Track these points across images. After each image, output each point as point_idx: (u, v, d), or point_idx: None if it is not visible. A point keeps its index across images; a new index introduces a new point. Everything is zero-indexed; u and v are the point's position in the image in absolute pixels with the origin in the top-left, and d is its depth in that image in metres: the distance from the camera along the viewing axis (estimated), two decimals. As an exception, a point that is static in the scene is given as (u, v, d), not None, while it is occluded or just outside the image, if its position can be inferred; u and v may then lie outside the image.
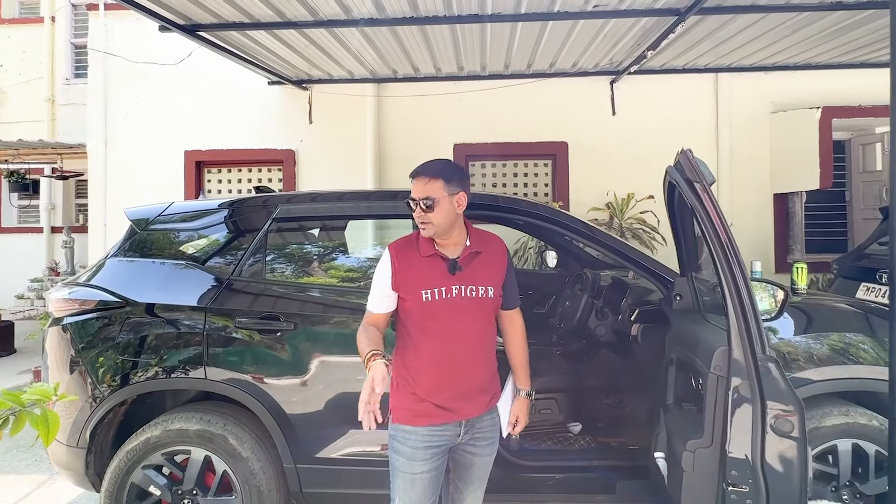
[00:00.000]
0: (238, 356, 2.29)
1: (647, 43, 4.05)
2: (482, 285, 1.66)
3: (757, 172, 5.28)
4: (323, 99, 5.58)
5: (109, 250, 2.63)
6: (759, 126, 5.28)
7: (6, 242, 9.06)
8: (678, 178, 1.47)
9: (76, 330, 2.38)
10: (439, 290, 1.62)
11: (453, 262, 1.66)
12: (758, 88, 5.26)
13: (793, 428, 1.22)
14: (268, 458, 2.28)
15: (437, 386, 1.64)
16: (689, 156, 1.39)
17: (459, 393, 1.65)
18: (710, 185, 1.37)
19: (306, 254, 2.70)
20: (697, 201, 1.35)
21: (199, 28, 3.59)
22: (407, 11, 3.36)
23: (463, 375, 1.66)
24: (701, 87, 5.32)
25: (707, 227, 1.34)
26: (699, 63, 4.90)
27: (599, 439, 2.66)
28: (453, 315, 1.63)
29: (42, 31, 8.78)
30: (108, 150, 5.89)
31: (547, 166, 5.67)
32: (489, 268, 1.71)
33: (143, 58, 5.69)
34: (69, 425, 2.32)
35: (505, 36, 3.96)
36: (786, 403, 1.24)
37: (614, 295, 2.86)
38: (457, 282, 1.64)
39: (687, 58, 4.70)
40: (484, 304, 1.67)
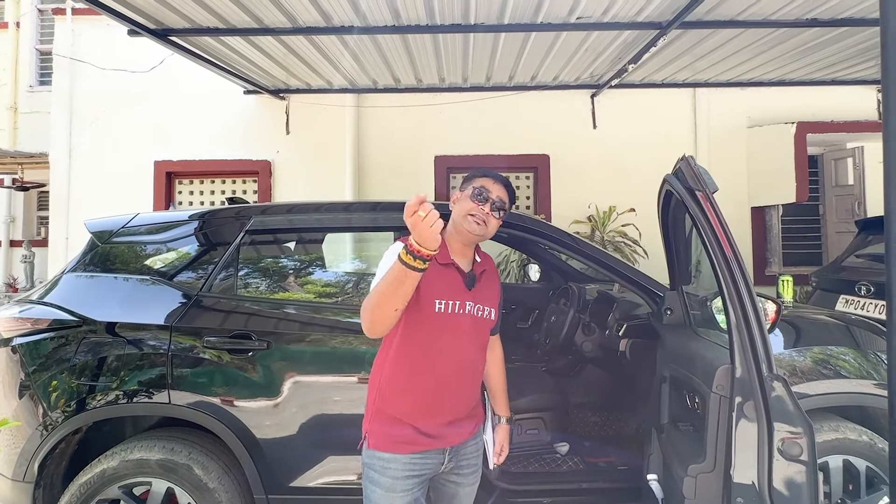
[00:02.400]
0: (205, 378, 2.13)
1: (628, 56, 4.08)
2: (488, 306, 1.58)
3: (735, 186, 5.36)
4: (300, 109, 5.46)
5: (67, 265, 2.45)
6: (736, 140, 5.37)
7: (-39, 256, 8.58)
8: (678, 186, 1.41)
9: (27, 351, 2.19)
10: (454, 303, 1.49)
11: (471, 276, 1.56)
12: (734, 103, 5.37)
13: (802, 451, 1.14)
14: (236, 488, 2.12)
15: (424, 409, 1.49)
16: (691, 163, 1.32)
17: (448, 420, 1.52)
18: (712, 193, 1.30)
19: (281, 268, 2.57)
20: (699, 210, 1.28)
21: (171, 33, 3.45)
22: (389, 20, 3.30)
23: (454, 400, 1.54)
24: (679, 101, 5.41)
25: (710, 237, 1.27)
26: (678, 78, 4.98)
27: (588, 460, 2.57)
28: (458, 333, 1.51)
29: (6, 37, 8.44)
30: (72, 160, 5.64)
31: (529, 179, 5.65)
32: (492, 288, 1.64)
33: (112, 65, 5.49)
34: (15, 456, 2.12)
35: (487, 47, 3.93)
36: (794, 425, 1.17)
37: (601, 309, 2.79)
38: (471, 298, 1.53)
39: (666, 72, 4.77)
40: (486, 326, 1.59)
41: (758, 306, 1.22)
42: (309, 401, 2.13)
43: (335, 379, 2.13)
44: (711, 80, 5.05)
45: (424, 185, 5.33)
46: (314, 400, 2.14)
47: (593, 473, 2.45)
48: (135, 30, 3.34)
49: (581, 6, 3.26)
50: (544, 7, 3.25)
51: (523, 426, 2.67)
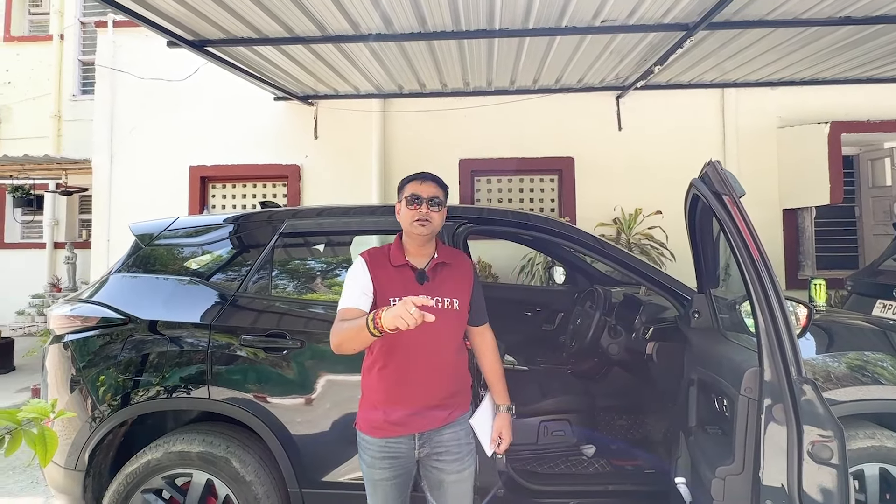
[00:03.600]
0: (242, 375, 2.22)
1: (654, 58, 4.05)
2: (448, 297, 1.67)
3: (765, 188, 5.24)
4: (328, 114, 5.59)
5: (113, 266, 2.58)
6: (766, 141, 5.26)
7: (8, 258, 9.04)
8: (705, 190, 1.42)
9: (77, 347, 2.31)
10: None
11: (421, 272, 1.68)
12: (765, 104, 5.26)
13: (832, 454, 1.14)
14: (272, 482, 2.19)
15: (392, 399, 1.64)
16: (718, 167, 1.33)
17: (413, 409, 1.64)
18: (739, 197, 1.31)
19: (313, 269, 2.65)
20: (726, 214, 1.29)
21: (207, 43, 3.60)
22: (415, 26, 3.37)
23: (419, 390, 1.65)
24: (707, 102, 5.32)
25: (737, 241, 1.28)
26: (705, 78, 4.90)
27: (615, 462, 2.57)
28: (420, 327, 1.56)
29: (50, 49, 8.89)
30: (113, 166, 5.89)
31: (553, 181, 5.64)
32: (456, 281, 1.73)
33: (150, 74, 5.73)
34: (67, 447, 2.24)
35: (512, 51, 3.96)
36: (824, 428, 1.16)
37: (627, 312, 2.79)
38: (424, 292, 1.62)
39: (693, 73, 4.71)
40: (449, 317, 1.66)
41: (786, 310, 1.23)
42: (340, 398, 2.19)
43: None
44: (740, 81, 4.96)
45: (449, 188, 5.38)
46: (345, 398, 2.20)
47: (620, 476, 2.45)
48: (174, 41, 3.49)
49: (606, 9, 3.26)
50: (569, 11, 3.27)
51: (549, 428, 2.69)
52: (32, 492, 3.31)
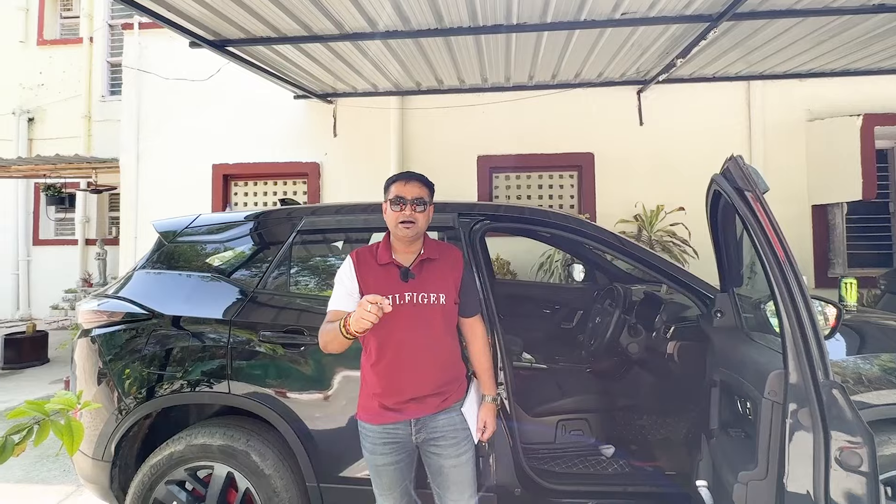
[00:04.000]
0: (261, 370, 2.25)
1: (676, 51, 3.95)
2: (434, 292, 1.73)
3: (793, 183, 5.08)
4: (347, 112, 5.63)
5: (138, 262, 2.64)
6: (794, 135, 5.09)
7: (43, 254, 9.38)
8: (727, 187, 1.37)
9: (104, 341, 2.38)
10: (393, 296, 1.68)
11: (405, 270, 1.74)
12: (793, 96, 5.09)
13: (862, 462, 1.09)
14: (291, 476, 2.22)
15: (386, 389, 1.73)
16: (740, 162, 1.29)
17: (408, 397, 1.72)
18: (763, 193, 1.27)
19: (330, 266, 2.67)
20: (749, 212, 1.24)
21: (228, 43, 3.65)
22: (432, 23, 3.35)
23: (411, 381, 1.71)
24: (732, 95, 5.17)
25: (760, 239, 1.23)
26: (730, 71, 4.76)
27: (634, 463, 2.53)
28: (405, 321, 1.69)
29: (81, 51, 9.16)
30: (139, 164, 6.04)
31: (573, 178, 5.57)
32: (442, 275, 1.77)
33: (174, 74, 5.85)
34: (95, 438, 2.31)
35: (530, 46, 3.91)
36: (853, 434, 1.12)
37: (647, 311, 2.74)
38: (409, 289, 1.72)
39: (717, 66, 4.58)
40: (435, 311, 1.72)
41: (812, 309, 1.18)
42: (356, 395, 2.20)
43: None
44: (767, 73, 4.80)
45: (467, 185, 5.37)
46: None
47: (640, 477, 2.41)
48: (195, 42, 3.56)
49: (626, 1, 3.19)
50: (588, 4, 3.21)
51: (567, 427, 2.67)
52: (65, 480, 3.43)
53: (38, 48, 9.67)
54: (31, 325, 6.90)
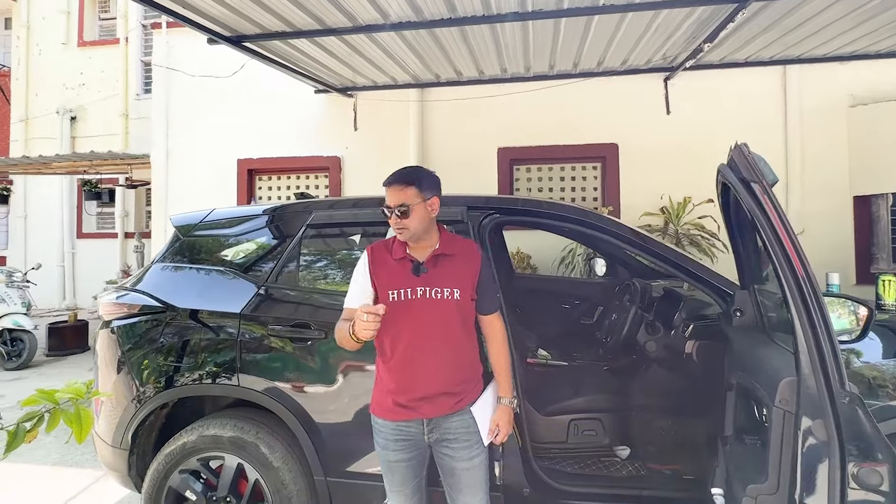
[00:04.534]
0: (269, 364, 2.27)
1: (703, 35, 3.75)
2: (447, 287, 1.69)
3: (832, 173, 4.78)
4: (367, 105, 5.63)
5: (156, 256, 2.71)
6: (834, 122, 4.78)
7: (86, 247, 9.84)
8: (732, 178, 1.27)
9: (122, 333, 2.45)
10: (404, 291, 1.68)
11: (417, 264, 1.71)
12: (833, 80, 4.77)
13: (882, 480, 0.99)
14: (299, 469, 2.24)
15: (399, 385, 1.70)
16: (745, 151, 1.18)
17: (421, 395, 1.69)
18: (771, 185, 1.16)
19: (338, 260, 2.67)
20: (756, 205, 1.14)
21: (244, 39, 3.69)
22: (444, 13, 3.29)
23: (424, 377, 1.68)
24: (766, 80, 4.90)
25: (769, 235, 1.14)
26: (763, 55, 4.50)
27: (651, 466, 2.44)
28: (417, 316, 1.67)
29: (118, 52, 9.49)
30: (169, 161, 6.22)
31: (596, 169, 5.42)
32: (457, 270, 1.73)
33: (200, 71, 5.97)
34: (113, 426, 2.39)
35: (548, 34, 3.79)
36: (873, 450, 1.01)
37: (667, 308, 2.63)
38: (421, 283, 1.69)
39: (749, 50, 4.33)
40: (448, 307, 1.68)
41: (826, 312, 1.08)
42: (363, 390, 2.19)
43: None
44: (805, 56, 4.51)
45: (487, 177, 5.29)
46: (368, 389, 2.20)
47: (656, 481, 2.32)
48: (213, 38, 3.61)
49: (647, -16, 3.05)
50: (606, -13, 3.08)
51: (580, 426, 2.60)
52: (96, 464, 3.58)
53: (79, 49, 10.08)
54: (73, 315, 7.25)
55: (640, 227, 4.73)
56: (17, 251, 9.85)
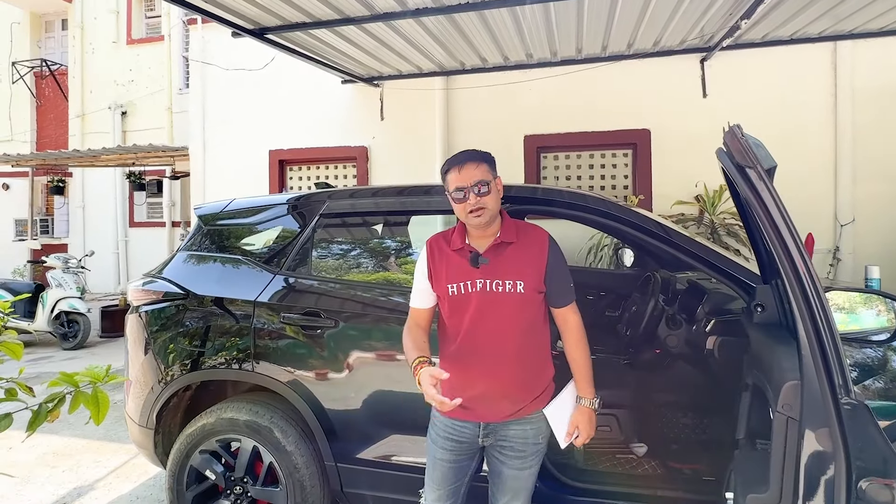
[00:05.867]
0: (282, 351, 2.32)
1: (741, 11, 3.50)
2: (510, 279, 1.56)
3: (888, 158, 4.41)
4: (394, 95, 5.62)
5: (181, 244, 2.81)
6: (891, 102, 4.39)
7: (138, 235, 10.41)
8: (727, 163, 1.17)
9: (148, 318, 2.57)
10: (464, 284, 1.58)
11: (475, 255, 1.60)
12: (890, 56, 4.37)
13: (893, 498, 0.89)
14: (311, 454, 2.29)
15: (458, 383, 1.59)
16: (737, 133, 1.08)
17: (477, 394, 1.59)
18: (768, 170, 1.05)
19: (350, 250, 2.69)
20: (752, 192, 1.04)
21: (267, 31, 3.75)
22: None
23: (483, 377, 1.59)
24: (814, 59, 4.55)
25: (766, 224, 1.04)
26: (811, 31, 4.16)
27: (668, 464, 2.35)
28: (477, 311, 1.57)
29: (162, 48, 9.89)
30: (205, 152, 6.44)
31: (626, 157, 5.21)
32: (521, 260, 1.59)
33: (233, 65, 6.13)
34: (140, 406, 2.52)
35: (571, 15, 3.65)
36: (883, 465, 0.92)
37: (690, 301, 2.50)
38: (481, 276, 1.58)
39: (795, 25, 4.01)
40: (512, 300, 1.56)
41: (828, 309, 0.98)
42: (372, 379, 2.23)
43: (397, 359, 2.20)
44: (858, 30, 4.14)
45: (514, 166, 5.20)
46: (377, 378, 2.23)
47: (673, 481, 2.25)
48: (237, 32, 3.68)
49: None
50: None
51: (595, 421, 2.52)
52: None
53: (128, 47, 10.57)
54: (123, 299, 7.70)
55: (672, 216, 4.56)
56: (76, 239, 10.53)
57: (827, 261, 4.51)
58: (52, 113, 11.35)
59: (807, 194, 4.47)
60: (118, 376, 1.23)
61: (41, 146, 11.12)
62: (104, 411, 1.12)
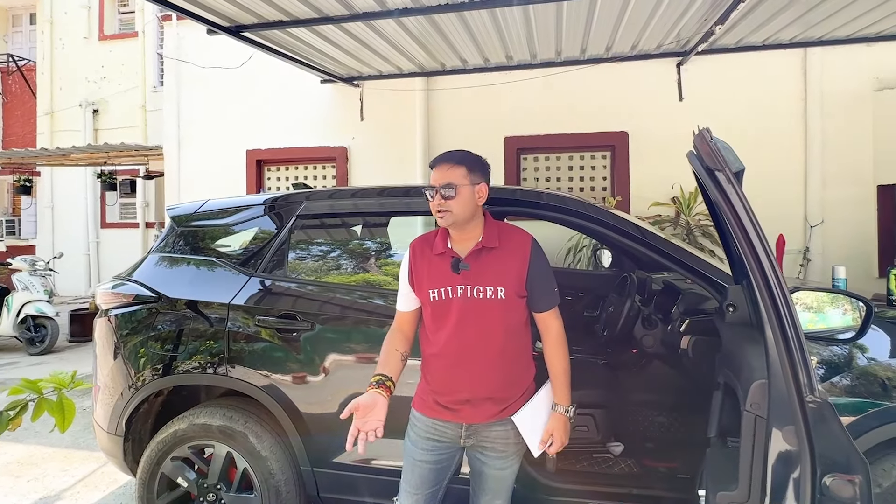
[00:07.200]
0: (257, 355, 2.28)
1: (715, 16, 3.58)
2: (490, 285, 1.55)
3: (856, 161, 4.56)
4: (373, 95, 5.59)
5: (152, 246, 2.74)
6: (858, 107, 4.54)
7: (110, 236, 10.13)
8: (697, 166, 1.19)
9: (118, 322, 2.49)
10: (445, 289, 1.57)
11: (455, 261, 1.58)
12: (857, 63, 4.52)
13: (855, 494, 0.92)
14: (287, 458, 2.25)
15: (441, 385, 1.61)
16: (706, 137, 1.10)
17: (462, 397, 1.59)
18: (736, 173, 1.07)
19: (326, 252, 2.66)
20: (721, 194, 1.06)
21: (243, 29, 3.69)
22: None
23: (466, 380, 1.58)
24: (785, 64, 4.67)
25: (735, 227, 1.06)
26: (783, 37, 4.28)
27: (644, 463, 2.38)
28: (459, 317, 1.56)
29: (136, 45, 9.66)
30: (180, 151, 6.31)
31: (605, 158, 5.28)
32: (503, 266, 1.58)
33: (209, 63, 6.01)
34: (109, 413, 2.44)
35: (550, 19, 3.68)
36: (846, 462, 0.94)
37: (665, 301, 2.54)
38: (462, 281, 1.57)
39: (768, 31, 4.12)
40: (493, 306, 1.55)
41: (794, 310, 1.00)
42: (350, 382, 2.20)
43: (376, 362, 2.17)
44: (827, 37, 4.27)
45: (494, 167, 5.13)
46: (355, 381, 2.19)
47: (648, 479, 2.27)
48: (212, 29, 3.61)
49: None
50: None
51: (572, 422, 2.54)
52: (102, 448, 3.70)
53: (100, 43, 10.29)
54: (93, 303, 7.47)
55: (649, 217, 4.63)
56: (45, 240, 10.20)
57: (798, 261, 4.63)
58: (18, 110, 10.99)
59: (778, 196, 4.59)
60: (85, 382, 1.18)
61: (7, 144, 10.76)
62: (70, 418, 1.08)
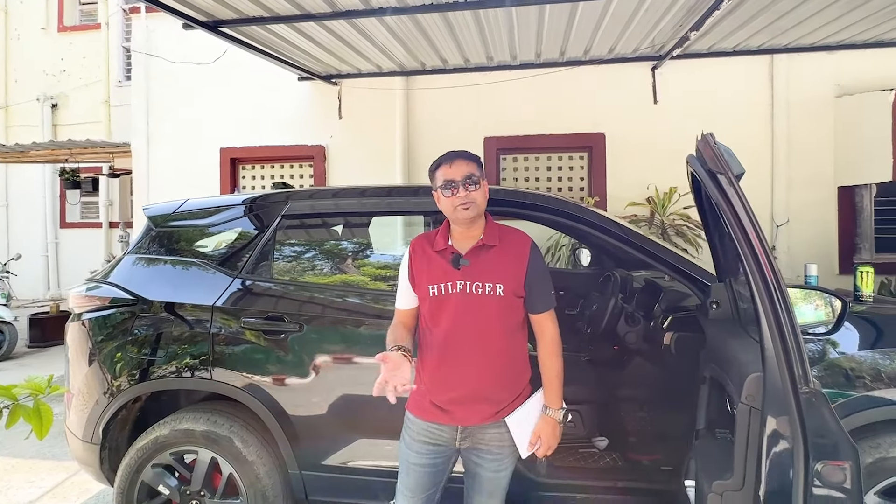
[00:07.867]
0: (242, 357, 2.24)
1: (690, 22, 3.70)
2: (490, 282, 1.56)
3: (818, 164, 4.79)
4: (352, 94, 5.53)
5: (128, 247, 2.65)
6: (821, 112, 4.77)
7: (70, 236, 9.68)
8: (699, 169, 1.24)
9: (93, 326, 2.40)
10: (444, 284, 1.59)
11: (456, 257, 1.60)
12: (820, 70, 4.75)
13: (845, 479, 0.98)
14: (274, 462, 2.22)
15: (435, 385, 1.61)
16: (710, 141, 1.15)
17: (456, 396, 1.59)
18: (737, 176, 1.13)
19: (313, 252, 2.62)
20: (722, 196, 1.11)
21: (221, 24, 3.59)
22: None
23: (461, 379, 1.59)
24: (754, 70, 4.86)
25: (735, 227, 1.10)
26: (752, 44, 4.46)
27: (628, 457, 2.44)
28: (457, 313, 1.58)
29: (99, 37, 9.25)
30: (150, 149, 6.10)
31: (583, 159, 5.38)
32: (502, 264, 1.60)
33: (181, 58, 5.83)
34: (84, 421, 2.35)
35: (532, 22, 3.73)
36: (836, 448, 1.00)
37: (647, 299, 2.62)
38: (461, 277, 1.59)
39: (737, 38, 4.29)
40: (491, 303, 1.56)
41: (791, 307, 1.06)
42: (338, 383, 2.18)
43: (363, 362, 2.16)
44: (792, 45, 4.48)
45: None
46: (343, 383, 2.19)
47: (632, 472, 2.34)
48: (188, 23, 3.51)
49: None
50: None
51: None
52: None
53: (59, 34, 9.82)
54: (55, 306, 7.14)
55: (625, 217, 4.74)
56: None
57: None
58: (-30, 103, 10.38)
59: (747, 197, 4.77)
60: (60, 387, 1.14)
61: (-43, 139, 10.15)
62: (47, 425, 1.04)
